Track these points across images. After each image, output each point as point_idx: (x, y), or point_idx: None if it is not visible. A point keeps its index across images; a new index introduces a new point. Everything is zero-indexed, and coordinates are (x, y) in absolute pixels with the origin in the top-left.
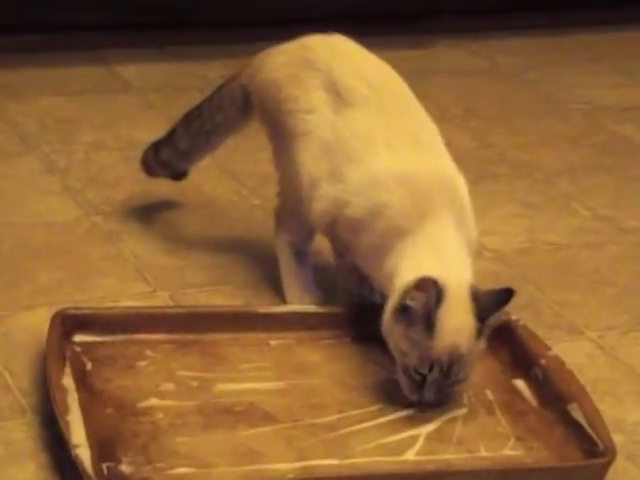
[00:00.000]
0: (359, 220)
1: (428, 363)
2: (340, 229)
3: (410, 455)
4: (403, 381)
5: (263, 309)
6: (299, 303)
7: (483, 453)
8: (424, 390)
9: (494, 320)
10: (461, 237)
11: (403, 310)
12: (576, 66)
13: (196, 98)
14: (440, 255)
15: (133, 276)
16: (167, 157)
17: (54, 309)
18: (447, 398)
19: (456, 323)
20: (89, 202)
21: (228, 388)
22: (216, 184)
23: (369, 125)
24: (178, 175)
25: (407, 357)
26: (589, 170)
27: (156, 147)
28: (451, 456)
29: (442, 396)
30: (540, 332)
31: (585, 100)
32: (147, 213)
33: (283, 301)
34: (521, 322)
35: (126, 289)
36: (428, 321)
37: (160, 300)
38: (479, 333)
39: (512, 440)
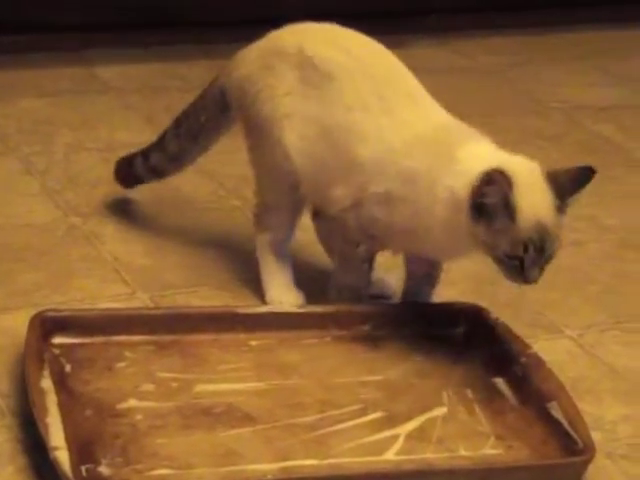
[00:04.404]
0: (389, 193)
1: (521, 245)
2: (366, 210)
3: (390, 455)
4: (502, 271)
5: (243, 309)
6: (279, 303)
7: (463, 452)
8: (526, 272)
9: (572, 199)
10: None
11: (479, 209)
12: (557, 65)
13: (176, 99)
14: (493, 153)
15: (112, 277)
16: (157, 162)
17: (33, 311)
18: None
19: (535, 201)
20: (68, 203)
21: (208, 389)
22: (195, 185)
23: (359, 94)
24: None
25: (498, 248)
26: None
27: (145, 154)
28: (431, 455)
29: (543, 271)
30: (520, 331)
31: (565, 99)
32: (126, 214)
33: (263, 301)
34: (501, 320)
35: (105, 291)
36: (508, 209)
37: (139, 301)
38: (559, 210)
39: (492, 439)
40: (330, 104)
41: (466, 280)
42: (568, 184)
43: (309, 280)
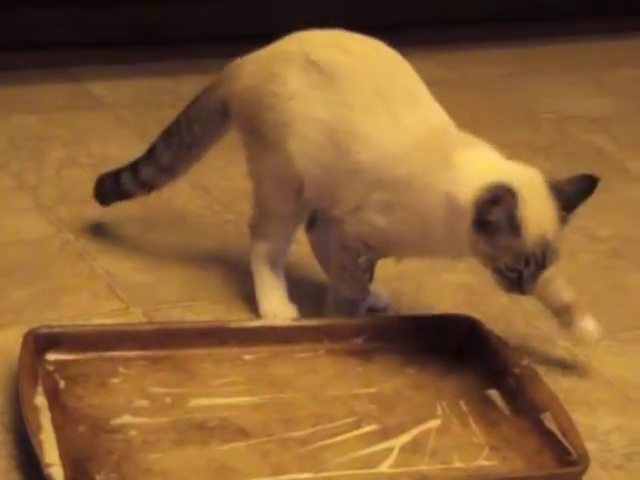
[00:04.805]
0: (389, 200)
1: (523, 259)
2: (366, 217)
3: (384, 467)
4: (498, 281)
5: (236, 324)
6: (273, 316)
7: (457, 464)
8: (524, 285)
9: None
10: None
11: (483, 225)
12: (546, 76)
13: (167, 114)
14: (492, 160)
15: (106, 293)
16: (148, 176)
17: (26, 328)
18: None
19: (539, 214)
20: (60, 219)
21: (202, 404)
22: (188, 200)
23: (361, 94)
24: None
25: (499, 260)
26: None
27: (134, 168)
28: (425, 467)
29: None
30: (513, 342)
31: (556, 110)
32: (119, 230)
33: (256, 315)
34: (494, 332)
35: (99, 306)
36: (513, 225)
37: (133, 317)
38: (563, 220)
39: (486, 450)
40: (334, 105)
41: (459, 292)
42: (572, 194)
43: (303, 293)
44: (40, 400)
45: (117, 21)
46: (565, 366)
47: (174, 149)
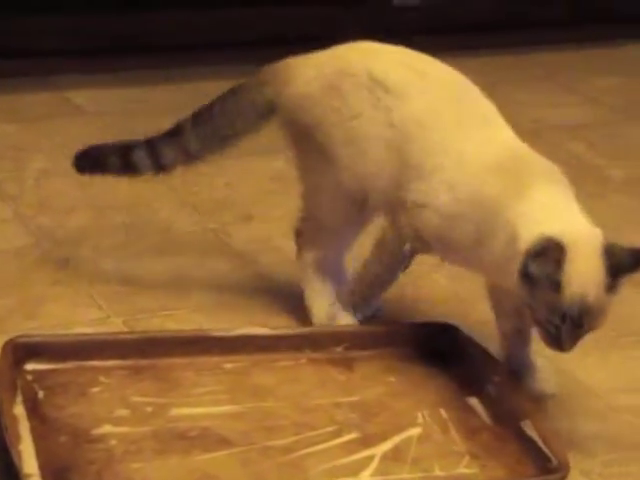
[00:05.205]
0: (454, 209)
1: (559, 316)
2: (426, 215)
3: (365, 476)
4: (539, 332)
5: (217, 332)
6: (328, 322)
7: (438, 472)
8: (562, 341)
9: (623, 280)
10: (573, 198)
11: (525, 277)
12: (524, 85)
13: (146, 122)
14: (558, 210)
15: (86, 302)
16: (168, 157)
17: (5, 337)
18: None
19: (584, 276)
20: (41, 229)
21: (183, 413)
22: (171, 209)
23: (433, 113)
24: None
25: (538, 312)
26: None
27: (152, 146)
28: (406, 476)
29: (578, 342)
30: (493, 349)
31: (535, 119)
32: (99, 239)
33: (237, 324)
34: (475, 340)
35: (79, 316)
36: (553, 283)
37: (114, 326)
38: (610, 287)
39: (467, 458)
40: (404, 123)
41: (440, 300)
42: (624, 263)
43: (286, 303)
44: (19, 410)
45: (98, 30)
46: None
47: (205, 138)
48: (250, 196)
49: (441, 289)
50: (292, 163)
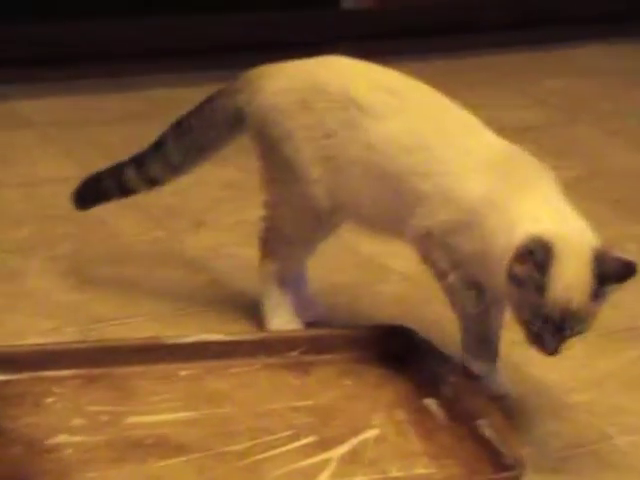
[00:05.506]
0: (458, 221)
1: (541, 318)
2: (439, 239)
3: (323, 479)
4: (524, 331)
5: (171, 340)
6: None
7: (395, 473)
8: (544, 341)
9: (610, 288)
10: (565, 199)
11: (512, 278)
12: (475, 88)
13: (93, 132)
14: (552, 211)
15: (39, 313)
16: (156, 172)
17: None
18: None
19: (569, 280)
20: None
21: (139, 421)
22: (120, 217)
23: (418, 135)
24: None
25: (521, 313)
26: None
27: (139, 163)
28: (364, 477)
29: (563, 346)
30: (448, 349)
31: (485, 121)
32: (51, 249)
33: (191, 331)
34: (430, 341)
35: (32, 326)
36: (537, 283)
37: (68, 336)
38: (596, 294)
39: (424, 458)
40: (385, 146)
41: (394, 303)
42: (613, 272)
43: (239, 308)
44: None
45: (43, 39)
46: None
47: (185, 148)
48: (201, 203)
49: (395, 292)
50: (259, 172)
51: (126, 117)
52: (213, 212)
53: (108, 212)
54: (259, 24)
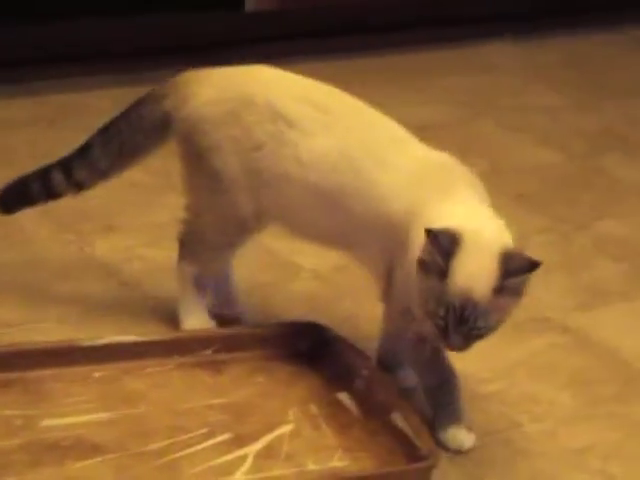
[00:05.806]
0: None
1: (443, 306)
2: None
3: (239, 475)
4: (430, 328)
5: (84, 342)
6: None
7: (311, 466)
8: (449, 336)
9: (514, 283)
10: (487, 202)
11: (420, 264)
12: (377, 87)
13: (8, 136)
14: (470, 211)
15: None
16: (82, 177)
17: None
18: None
19: (471, 269)
20: None
21: (54, 423)
22: (29, 220)
23: (346, 153)
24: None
25: (427, 304)
26: None
27: (66, 167)
28: (280, 472)
29: (470, 342)
30: (360, 344)
31: None
32: None
33: (104, 333)
34: (341, 336)
35: None
36: (441, 269)
37: None
38: (499, 289)
39: (339, 452)
40: (315, 164)
41: (305, 300)
42: (512, 266)
43: (155, 309)
44: None
45: None
46: None
47: (113, 154)
48: (109, 206)
49: (306, 288)
50: (181, 177)
51: (32, 122)
52: (121, 215)
53: (17, 216)
54: (162, 26)
